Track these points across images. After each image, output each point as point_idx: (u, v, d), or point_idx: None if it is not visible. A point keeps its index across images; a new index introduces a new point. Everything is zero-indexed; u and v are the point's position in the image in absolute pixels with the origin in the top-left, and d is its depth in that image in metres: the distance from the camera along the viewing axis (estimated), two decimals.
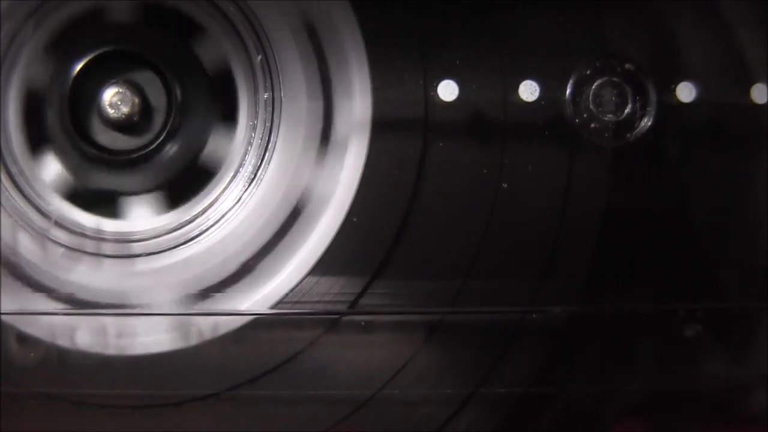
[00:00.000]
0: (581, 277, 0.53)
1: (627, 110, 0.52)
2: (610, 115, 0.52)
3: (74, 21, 0.53)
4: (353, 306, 0.52)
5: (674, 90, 0.52)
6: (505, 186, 0.52)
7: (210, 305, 0.52)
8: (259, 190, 0.53)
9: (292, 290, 0.52)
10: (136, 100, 0.53)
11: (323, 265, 0.52)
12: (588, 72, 0.52)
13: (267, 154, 0.53)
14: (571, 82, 0.52)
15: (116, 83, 0.53)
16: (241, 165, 0.53)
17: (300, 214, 0.52)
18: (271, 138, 0.53)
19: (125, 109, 0.53)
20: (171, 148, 0.54)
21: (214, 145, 0.54)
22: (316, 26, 0.52)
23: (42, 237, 0.52)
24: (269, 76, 0.53)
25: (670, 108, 0.52)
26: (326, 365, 0.52)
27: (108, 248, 0.52)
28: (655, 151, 0.53)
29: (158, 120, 0.54)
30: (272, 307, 0.52)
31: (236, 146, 0.54)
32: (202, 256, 0.52)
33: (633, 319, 0.53)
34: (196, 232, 0.53)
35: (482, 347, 0.52)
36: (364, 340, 0.52)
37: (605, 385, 0.53)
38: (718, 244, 0.54)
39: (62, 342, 0.51)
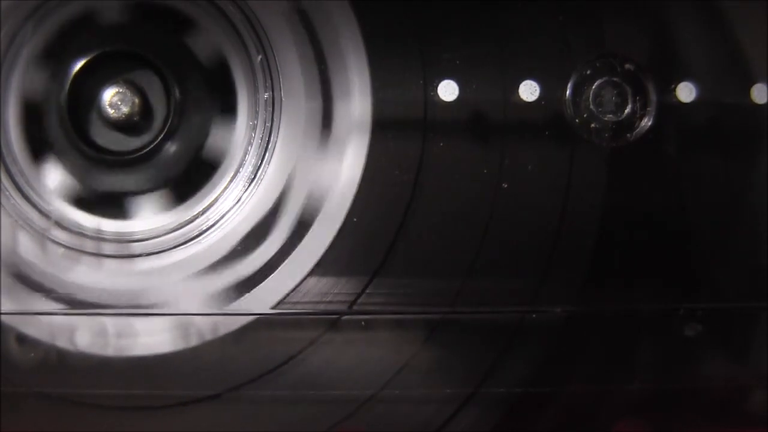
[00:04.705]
0: (581, 277, 0.53)
1: (627, 110, 0.52)
2: (610, 115, 0.52)
3: (74, 21, 0.53)
4: (353, 306, 0.52)
5: (674, 90, 0.52)
6: (505, 186, 0.52)
7: (210, 305, 0.52)
8: (259, 190, 0.53)
9: (292, 290, 0.52)
10: (136, 100, 0.53)
11: (323, 265, 0.52)
12: (588, 72, 0.52)
13: (267, 154, 0.53)
14: (571, 82, 0.52)
15: (116, 83, 0.53)
16: (241, 165, 0.53)
17: (300, 214, 0.52)
18: (271, 138, 0.53)
19: (125, 109, 0.53)
20: (171, 148, 0.54)
21: (214, 144, 0.54)
22: (315, 26, 0.52)
23: (42, 237, 0.52)
24: (269, 75, 0.53)
25: (670, 108, 0.52)
26: (326, 365, 0.52)
27: (108, 248, 0.52)
28: (655, 151, 0.53)
29: (158, 120, 0.54)
30: (272, 307, 0.52)
31: (236, 146, 0.54)
32: (202, 256, 0.52)
33: (633, 319, 0.53)
34: (196, 232, 0.53)
35: (482, 347, 0.53)
36: (364, 340, 0.52)
37: (605, 385, 0.53)
38: (718, 244, 0.54)
39: (62, 342, 0.51)
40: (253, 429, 0.52)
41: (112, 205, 0.54)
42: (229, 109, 0.54)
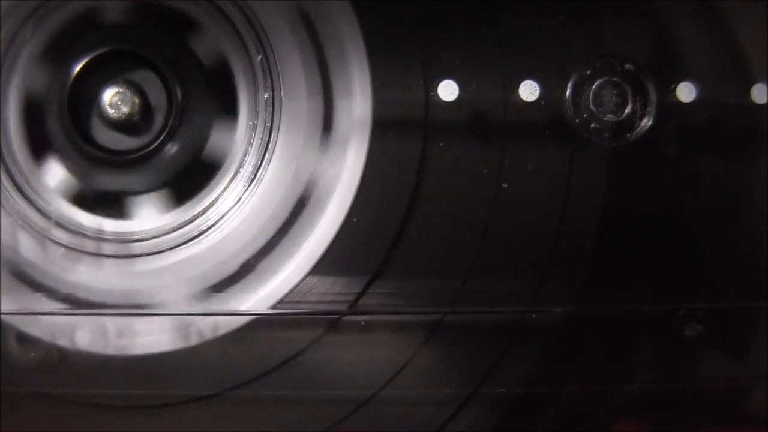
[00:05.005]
0: (581, 277, 0.53)
1: (627, 110, 0.52)
2: (610, 115, 0.52)
3: (74, 21, 0.53)
4: (353, 306, 0.52)
5: (674, 90, 0.52)
6: (505, 186, 0.52)
7: (210, 305, 0.52)
8: (259, 190, 0.53)
9: (292, 290, 0.52)
10: (136, 100, 0.53)
11: (323, 265, 0.52)
12: (588, 72, 0.52)
13: (267, 154, 0.53)
14: (571, 82, 0.52)
15: (116, 83, 0.53)
16: (241, 165, 0.53)
17: (300, 214, 0.52)
18: (271, 138, 0.53)
19: (125, 109, 0.53)
20: (171, 148, 0.54)
21: (214, 144, 0.54)
22: (316, 26, 0.52)
23: (42, 237, 0.52)
24: (269, 75, 0.53)
25: (670, 108, 0.52)
26: (326, 365, 0.52)
27: (108, 248, 0.53)
28: (655, 151, 0.53)
29: (158, 120, 0.54)
30: (272, 307, 0.52)
31: (236, 146, 0.54)
32: (202, 256, 0.52)
33: (633, 319, 0.53)
34: (196, 232, 0.53)
35: (482, 347, 0.53)
36: (364, 340, 0.52)
37: (605, 385, 0.53)
38: (718, 244, 0.54)
39: (62, 342, 0.51)
40: (253, 429, 0.52)
41: (113, 205, 0.54)
42: (229, 109, 0.54)
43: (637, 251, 0.53)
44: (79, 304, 0.52)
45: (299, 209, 0.52)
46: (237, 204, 0.53)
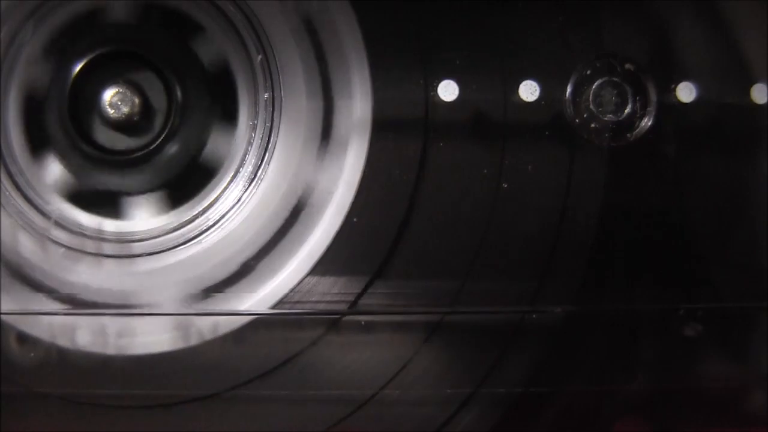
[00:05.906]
0: (581, 277, 0.53)
1: (627, 110, 0.52)
2: (610, 115, 0.52)
3: (74, 21, 0.53)
4: (353, 306, 0.52)
5: (674, 90, 0.52)
6: (505, 186, 0.52)
7: (210, 305, 0.52)
8: (259, 190, 0.53)
9: (292, 290, 0.52)
10: (136, 100, 0.53)
11: (323, 265, 0.52)
12: (588, 72, 0.52)
13: (267, 154, 0.53)
14: (571, 82, 0.52)
15: (116, 83, 0.53)
16: (241, 165, 0.53)
17: (300, 214, 0.52)
18: (271, 138, 0.53)
19: (125, 109, 0.53)
20: (171, 148, 0.54)
21: (214, 144, 0.54)
22: (316, 26, 0.52)
23: (42, 237, 0.52)
24: (269, 76, 0.53)
25: (670, 108, 0.52)
26: (326, 365, 0.52)
27: (108, 248, 0.53)
28: (655, 151, 0.53)
29: (158, 120, 0.54)
30: (272, 307, 0.52)
31: (236, 146, 0.54)
32: (202, 256, 0.52)
33: (633, 319, 0.53)
34: (196, 232, 0.53)
35: (482, 347, 0.53)
36: (364, 340, 0.52)
37: (605, 385, 0.53)
38: (718, 244, 0.54)
39: (62, 342, 0.51)
40: (252, 429, 0.52)
41: (113, 205, 0.54)
42: (229, 110, 0.54)
43: (636, 251, 0.53)
44: (79, 304, 0.52)
45: (299, 209, 0.52)
46: (237, 204, 0.53)
